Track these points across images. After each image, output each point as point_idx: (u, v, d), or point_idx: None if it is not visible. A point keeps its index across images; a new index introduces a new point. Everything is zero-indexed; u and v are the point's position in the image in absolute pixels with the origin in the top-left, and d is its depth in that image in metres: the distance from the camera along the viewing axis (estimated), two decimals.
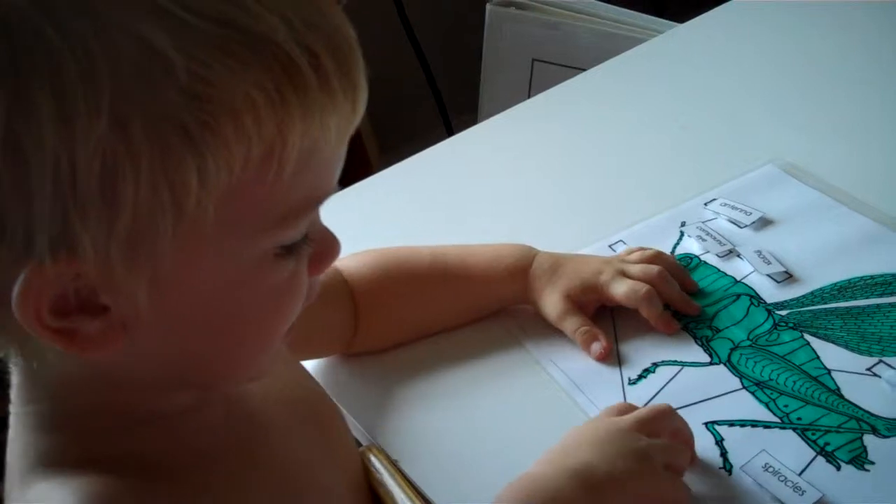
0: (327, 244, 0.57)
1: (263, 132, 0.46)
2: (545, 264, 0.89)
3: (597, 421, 0.74)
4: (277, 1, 0.46)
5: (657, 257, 0.91)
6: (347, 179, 1.18)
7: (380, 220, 1.10)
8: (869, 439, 0.75)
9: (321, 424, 0.72)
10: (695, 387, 0.81)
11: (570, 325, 0.86)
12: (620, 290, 0.86)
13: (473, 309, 0.90)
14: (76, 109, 0.42)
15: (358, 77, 0.50)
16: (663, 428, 0.73)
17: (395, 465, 0.77)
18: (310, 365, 0.86)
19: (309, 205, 0.52)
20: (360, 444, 0.81)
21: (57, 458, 0.53)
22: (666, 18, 1.66)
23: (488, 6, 1.80)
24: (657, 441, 0.71)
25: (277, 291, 0.53)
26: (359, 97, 0.50)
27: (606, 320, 0.88)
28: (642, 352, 0.85)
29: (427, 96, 2.11)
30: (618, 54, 1.37)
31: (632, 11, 1.71)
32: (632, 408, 0.75)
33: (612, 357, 0.85)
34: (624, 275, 0.87)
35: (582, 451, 0.69)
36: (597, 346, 0.84)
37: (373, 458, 0.77)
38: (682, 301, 0.88)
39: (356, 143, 0.54)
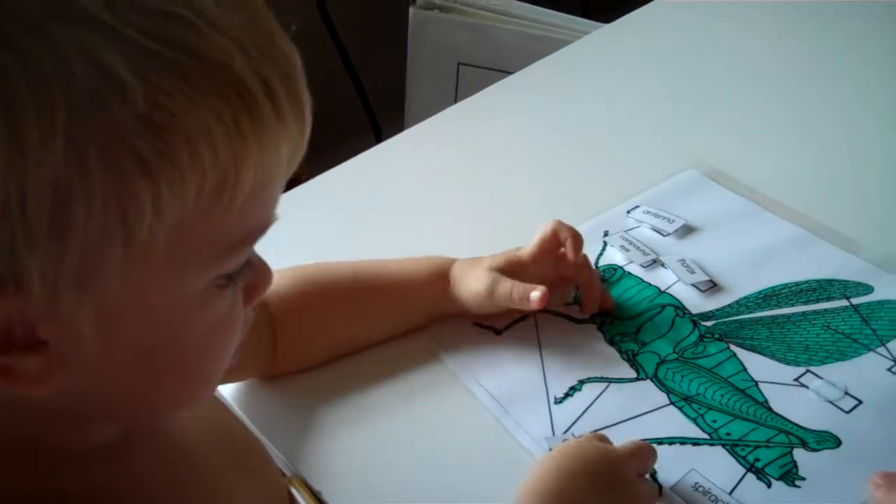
0: (260, 274, 0.56)
1: (218, 163, 0.44)
2: (465, 262, 0.88)
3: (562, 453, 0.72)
4: (230, 25, 0.45)
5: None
6: None
7: (307, 230, 1.08)
8: (799, 453, 0.74)
9: (243, 456, 0.70)
10: (622, 404, 0.80)
11: (503, 289, 0.84)
12: (532, 241, 0.88)
13: (397, 320, 0.88)
14: (29, 135, 0.40)
15: (305, 102, 0.49)
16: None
17: (317, 499, 0.74)
18: (227, 390, 0.84)
19: (253, 234, 0.50)
20: (284, 474, 0.79)
21: None
22: (591, 18, 1.66)
23: (411, 9, 1.78)
24: (622, 451, 0.72)
25: (219, 322, 0.52)
26: (306, 123, 0.50)
27: (531, 337, 0.87)
28: (568, 369, 0.84)
29: (354, 102, 2.09)
30: (544, 56, 1.36)
31: (556, 12, 1.70)
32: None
33: (538, 375, 0.83)
34: None
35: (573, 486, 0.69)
36: (536, 294, 0.83)
37: (295, 492, 0.74)
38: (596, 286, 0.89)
39: None
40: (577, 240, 0.87)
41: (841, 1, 1.33)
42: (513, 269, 0.86)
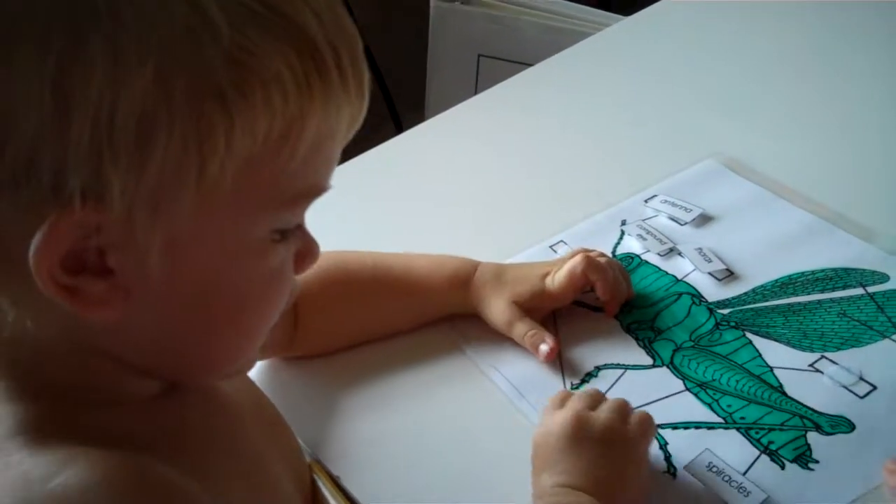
0: (309, 245, 0.60)
1: (287, 109, 0.48)
2: (488, 273, 0.88)
3: (554, 427, 0.73)
4: (314, 0, 0.50)
5: (601, 256, 0.90)
6: None
7: (327, 220, 1.08)
8: (813, 437, 0.75)
9: (274, 431, 0.72)
10: (638, 390, 0.81)
11: (519, 330, 0.85)
12: (561, 276, 0.87)
13: (414, 317, 0.90)
14: (126, 57, 0.44)
15: (365, 77, 0.54)
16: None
17: (336, 484, 0.75)
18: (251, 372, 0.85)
19: (311, 192, 0.54)
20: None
21: (36, 427, 0.52)
22: (611, 12, 1.66)
23: (432, 2, 1.79)
24: (606, 412, 0.73)
25: (270, 277, 0.55)
26: (365, 96, 0.54)
27: (548, 325, 0.87)
28: (584, 356, 0.85)
29: (375, 92, 2.09)
30: (564, 48, 1.37)
31: (577, 5, 1.70)
32: (568, 395, 0.76)
33: (555, 361, 0.84)
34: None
35: (562, 463, 0.70)
36: (544, 347, 0.84)
37: (316, 478, 0.75)
38: (615, 285, 0.88)
39: None
40: (607, 283, 0.87)
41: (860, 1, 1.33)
42: (534, 302, 0.87)
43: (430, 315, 0.89)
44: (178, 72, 0.45)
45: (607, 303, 0.88)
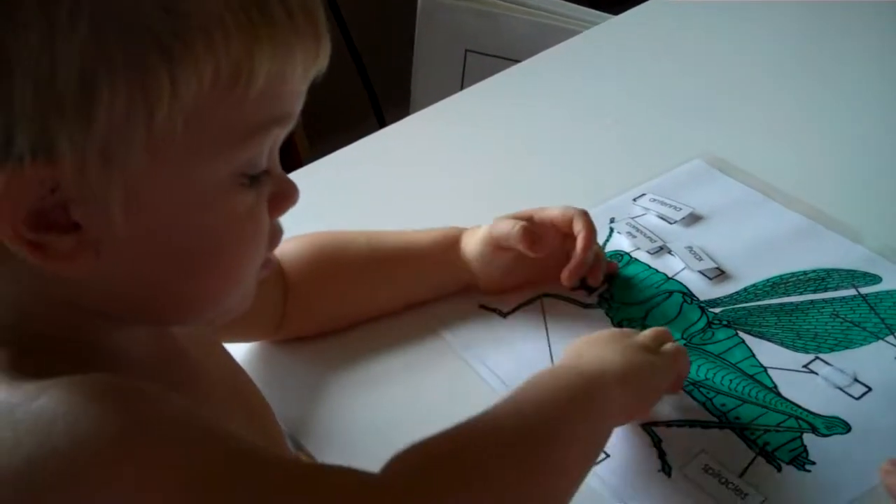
0: (285, 187, 0.59)
1: (232, 52, 0.48)
2: (473, 227, 0.90)
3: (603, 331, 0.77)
4: None
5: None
6: None
7: (310, 213, 1.07)
8: (808, 438, 0.74)
9: (256, 414, 0.71)
10: None
11: (505, 225, 0.86)
12: (552, 210, 0.88)
13: (407, 287, 0.89)
14: (59, 17, 0.45)
15: (320, 21, 0.53)
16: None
17: None
18: (237, 353, 0.83)
19: (269, 126, 0.53)
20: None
21: (16, 368, 0.51)
22: (600, 10, 1.65)
23: None
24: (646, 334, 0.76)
25: (240, 221, 0.55)
26: (322, 40, 0.54)
27: (538, 321, 0.86)
28: None
29: (358, 87, 2.08)
30: (552, 46, 1.36)
31: (566, 2, 1.70)
32: None
33: (544, 358, 0.83)
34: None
35: (599, 351, 0.72)
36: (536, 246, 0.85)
37: None
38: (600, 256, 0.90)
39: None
40: (589, 239, 0.87)
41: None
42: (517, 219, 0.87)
43: (423, 283, 0.89)
44: (114, 27, 0.46)
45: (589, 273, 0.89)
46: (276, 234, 0.60)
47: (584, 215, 0.87)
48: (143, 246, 0.52)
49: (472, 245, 0.88)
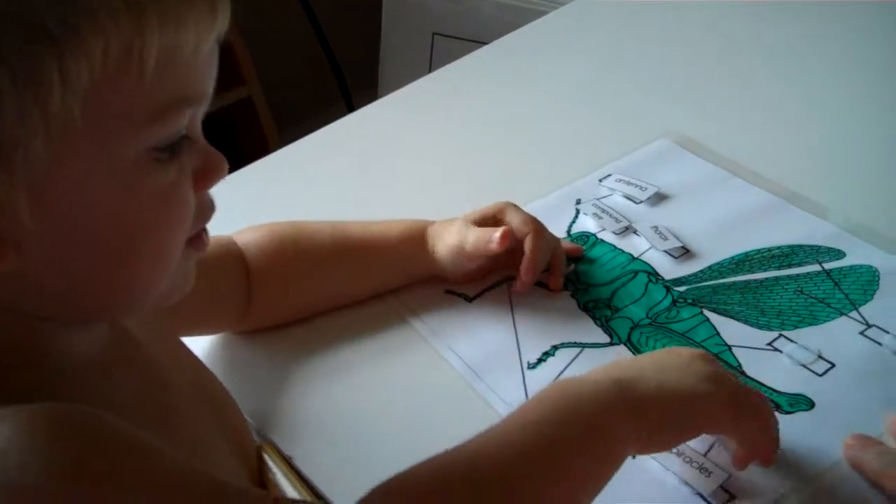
0: (211, 159, 0.57)
1: (120, 30, 0.47)
2: (441, 222, 0.89)
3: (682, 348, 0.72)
4: None
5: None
6: (245, 157, 1.16)
7: (278, 199, 1.07)
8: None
9: (217, 408, 0.70)
10: (596, 368, 0.79)
11: (472, 236, 0.85)
12: (517, 217, 0.86)
13: (372, 278, 0.89)
14: None
15: None
16: None
17: (288, 464, 0.74)
18: (196, 345, 0.83)
19: (178, 104, 0.52)
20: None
21: None
22: None
23: None
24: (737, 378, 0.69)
25: (160, 199, 0.53)
26: (216, 3, 0.52)
27: (504, 304, 0.86)
28: (541, 335, 0.84)
29: (326, 72, 2.07)
30: (519, 27, 1.36)
31: None
32: None
33: (512, 341, 0.83)
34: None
35: (646, 365, 0.67)
36: (495, 236, 0.84)
37: (267, 458, 0.74)
38: (559, 259, 0.88)
39: (252, 119, 0.54)
40: (531, 260, 0.86)
41: None
42: (487, 223, 0.87)
43: (388, 275, 0.89)
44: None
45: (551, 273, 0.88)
46: (205, 209, 0.58)
47: (535, 229, 0.86)
48: (64, 237, 0.51)
49: (443, 251, 0.87)
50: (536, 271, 0.86)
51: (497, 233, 0.83)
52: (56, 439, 0.46)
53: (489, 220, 0.87)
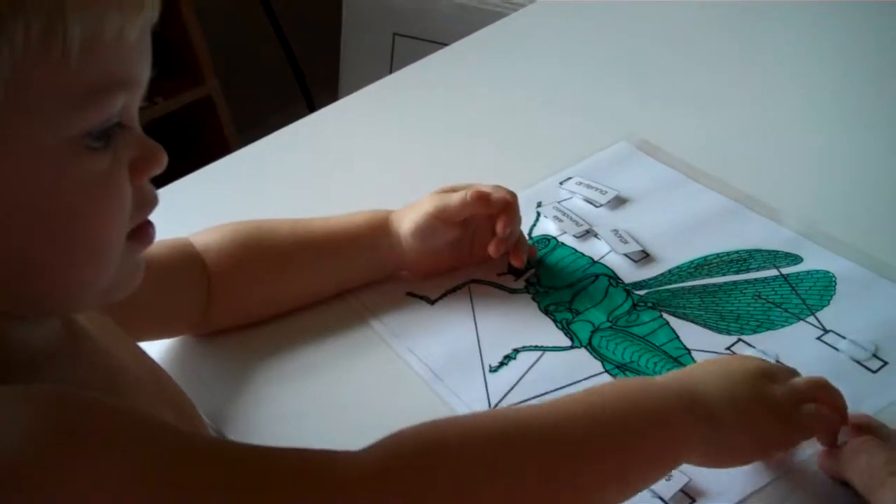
0: (148, 150, 0.56)
1: (40, 8, 0.46)
2: (402, 208, 0.89)
3: (733, 357, 0.72)
4: None
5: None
6: (204, 157, 1.15)
7: (238, 199, 1.07)
8: None
9: (172, 403, 0.70)
10: (557, 372, 0.80)
11: (455, 198, 0.86)
12: (489, 186, 0.87)
13: (335, 273, 0.88)
14: None
15: None
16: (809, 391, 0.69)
17: None
18: (153, 348, 0.82)
19: (106, 88, 0.51)
20: None
21: None
22: None
23: None
24: (792, 385, 0.68)
25: (94, 187, 0.53)
26: None
27: (465, 307, 0.87)
28: (502, 338, 0.84)
29: (287, 72, 2.06)
30: (480, 28, 1.36)
31: None
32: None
33: (472, 343, 0.83)
34: None
35: (705, 376, 0.66)
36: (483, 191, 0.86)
37: None
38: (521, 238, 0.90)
39: (212, 119, 0.54)
40: (509, 217, 0.87)
41: None
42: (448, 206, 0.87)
43: (351, 267, 0.89)
44: None
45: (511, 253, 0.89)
46: (146, 200, 0.57)
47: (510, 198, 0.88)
48: None
49: (409, 222, 0.87)
50: (512, 238, 0.87)
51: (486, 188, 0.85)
52: (47, 412, 0.46)
53: (450, 188, 0.88)
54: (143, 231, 0.58)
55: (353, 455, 0.54)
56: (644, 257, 0.91)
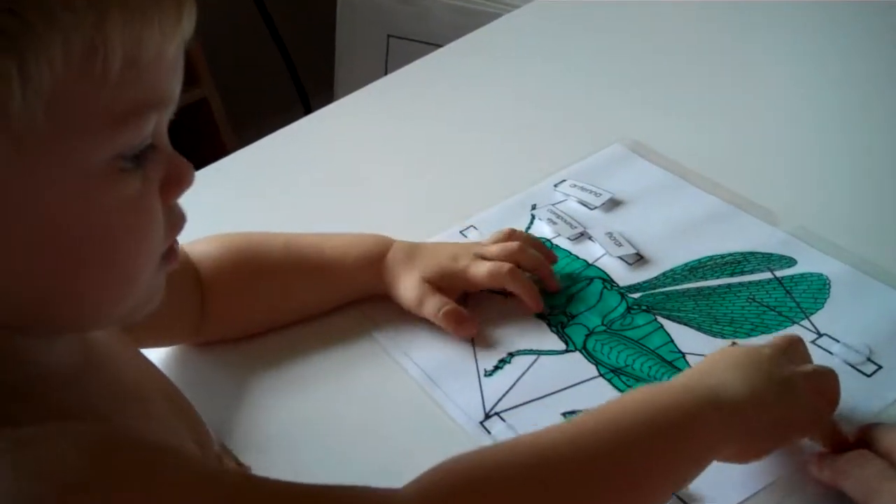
0: (178, 168, 0.56)
1: (81, 24, 0.46)
2: (401, 252, 0.87)
3: (735, 347, 0.71)
4: None
5: (511, 235, 0.90)
6: (201, 159, 1.15)
7: (235, 201, 1.07)
8: None
9: (181, 413, 0.70)
10: (552, 376, 0.80)
11: (431, 307, 0.84)
12: (481, 271, 0.85)
13: (327, 298, 0.88)
14: None
15: None
16: (804, 355, 0.71)
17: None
18: (154, 356, 0.82)
19: (144, 108, 0.50)
20: None
21: None
22: None
23: None
24: (803, 368, 0.69)
25: (127, 209, 0.52)
26: (183, 1, 0.51)
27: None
28: (498, 342, 0.84)
29: (283, 74, 2.06)
30: (474, 29, 1.36)
31: None
32: None
33: (468, 348, 0.83)
34: (482, 258, 0.86)
35: (720, 372, 0.66)
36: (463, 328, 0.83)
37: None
38: (545, 266, 0.88)
39: (208, 121, 0.53)
40: (525, 294, 0.86)
41: None
42: (445, 282, 0.86)
43: (342, 296, 0.88)
44: None
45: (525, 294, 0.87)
46: (176, 220, 0.57)
47: (514, 272, 0.86)
48: (25, 245, 0.49)
49: (398, 292, 0.86)
50: (537, 296, 0.86)
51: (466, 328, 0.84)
52: (100, 454, 0.46)
53: (447, 276, 0.86)
54: (171, 251, 0.58)
55: (393, 494, 0.54)
56: (638, 260, 0.91)
